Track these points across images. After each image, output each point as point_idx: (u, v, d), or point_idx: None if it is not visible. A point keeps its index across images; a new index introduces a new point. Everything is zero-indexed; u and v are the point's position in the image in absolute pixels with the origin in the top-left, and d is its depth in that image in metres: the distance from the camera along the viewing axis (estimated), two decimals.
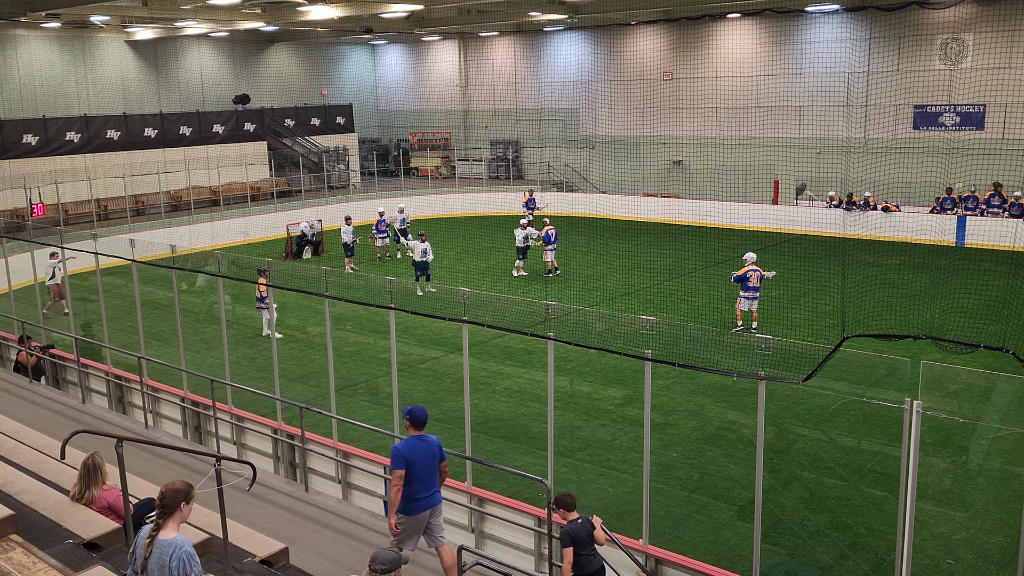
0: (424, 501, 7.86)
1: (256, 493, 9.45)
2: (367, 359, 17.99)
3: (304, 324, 20.58)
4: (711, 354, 13.39)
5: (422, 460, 7.78)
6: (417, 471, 7.76)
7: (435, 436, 8.07)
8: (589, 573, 8.03)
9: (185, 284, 22.64)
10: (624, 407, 14.95)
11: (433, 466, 7.88)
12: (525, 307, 13.00)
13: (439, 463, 7.95)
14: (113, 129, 32.99)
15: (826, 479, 12.08)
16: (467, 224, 34.10)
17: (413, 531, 7.93)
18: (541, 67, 40.43)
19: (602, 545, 8.20)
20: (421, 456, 7.78)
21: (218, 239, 30.41)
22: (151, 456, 10.66)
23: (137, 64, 36.89)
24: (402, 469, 7.70)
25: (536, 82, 40.52)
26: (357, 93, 44.38)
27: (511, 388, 15.97)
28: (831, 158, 31.35)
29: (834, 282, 22.31)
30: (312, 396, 15.00)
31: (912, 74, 30.11)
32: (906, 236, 27.88)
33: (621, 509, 11.22)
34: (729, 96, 34.60)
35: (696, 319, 19.69)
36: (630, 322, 10.35)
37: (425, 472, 7.80)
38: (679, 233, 30.65)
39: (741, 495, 11.59)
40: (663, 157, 36.29)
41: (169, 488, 5.38)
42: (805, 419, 14.17)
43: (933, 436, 12.72)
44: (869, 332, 16.78)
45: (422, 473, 7.79)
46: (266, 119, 38.00)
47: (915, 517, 7.71)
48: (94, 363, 15.47)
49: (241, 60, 40.36)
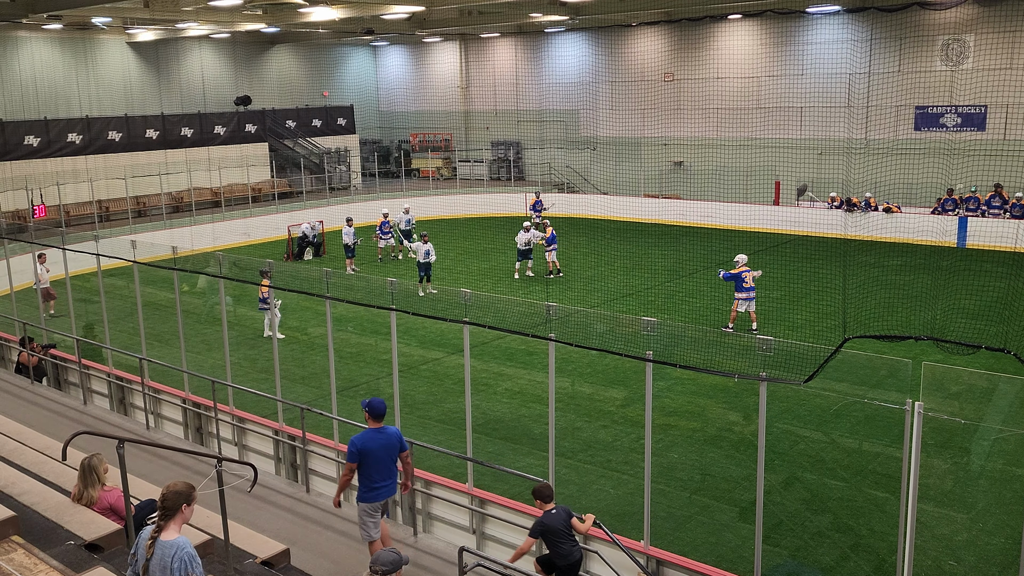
0: (384, 490, 8.17)
1: (257, 494, 9.45)
2: (368, 360, 17.98)
3: (305, 325, 20.58)
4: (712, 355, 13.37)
5: (377, 452, 8.06)
6: (373, 462, 8.05)
7: (395, 428, 8.35)
8: (567, 564, 8.04)
9: (186, 285, 22.65)
10: (625, 408, 14.94)
11: (390, 457, 8.16)
12: (526, 308, 13.00)
13: (400, 453, 8.22)
14: (115, 130, 33.01)
15: (828, 480, 12.07)
16: (468, 225, 34.09)
17: (375, 518, 8.26)
18: (542, 68, 40.43)
19: (583, 534, 8.25)
20: (376, 448, 8.06)
21: (219, 240, 30.43)
22: (152, 457, 10.66)
23: (139, 65, 36.92)
24: (354, 463, 8.03)
25: (537, 83, 40.52)
26: (358, 94, 44.40)
27: (512, 389, 15.97)
28: (832, 159, 31.34)
29: (835, 283, 22.29)
30: (313, 397, 15.00)
31: (913, 75, 30.10)
32: (907, 237, 27.85)
33: (622, 510, 11.21)
34: (730, 97, 34.59)
35: (697, 320, 19.68)
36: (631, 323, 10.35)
37: (381, 463, 8.09)
38: (680, 234, 30.63)
39: (742, 496, 11.57)
40: (664, 158, 36.28)
41: (170, 490, 5.38)
42: (807, 420, 14.15)
43: (935, 437, 12.70)
44: (871, 333, 16.78)
45: (378, 464, 8.07)
46: (267, 120, 38.02)
47: (917, 518, 7.70)
48: (96, 364, 15.47)
49: (242, 61, 40.39)
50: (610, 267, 26.07)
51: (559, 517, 8.07)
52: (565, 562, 8.01)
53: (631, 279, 24.34)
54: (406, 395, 15.05)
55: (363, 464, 8.05)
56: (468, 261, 27.74)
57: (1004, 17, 28.14)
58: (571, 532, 8.09)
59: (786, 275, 24.03)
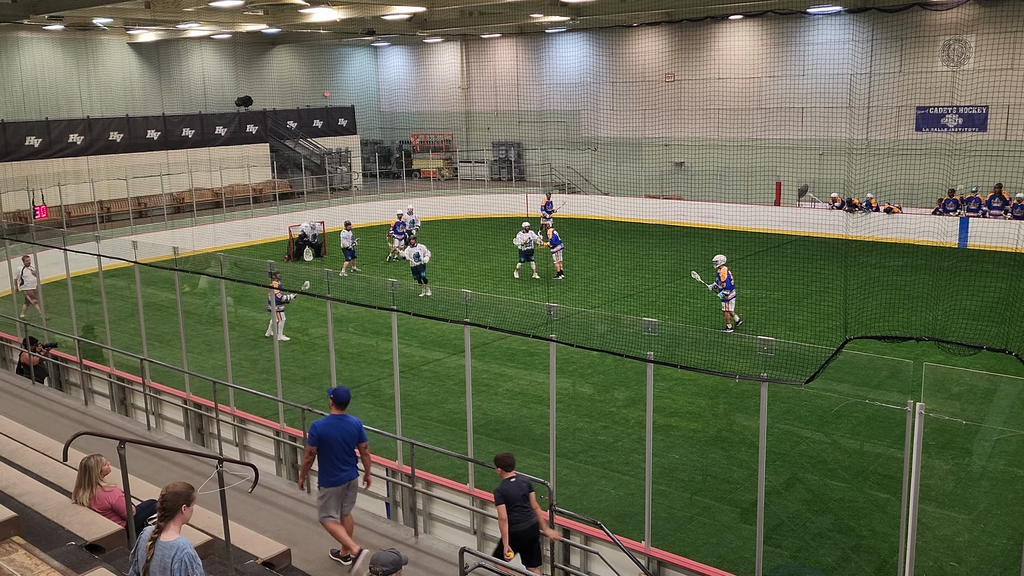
0: (342, 474, 8.44)
1: (258, 495, 9.45)
2: (369, 361, 17.98)
3: (306, 326, 20.58)
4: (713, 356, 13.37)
5: (336, 438, 8.37)
6: (332, 447, 8.35)
7: (357, 418, 8.60)
8: (518, 532, 8.33)
9: (187, 286, 22.65)
10: (626, 409, 14.93)
11: (349, 444, 8.45)
12: (527, 309, 13.00)
13: (359, 444, 8.50)
14: (116, 131, 33.03)
15: (829, 481, 12.06)
16: (469, 226, 34.10)
17: (334, 500, 8.46)
18: (543, 69, 40.44)
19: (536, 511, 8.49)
20: (335, 435, 8.37)
21: (220, 241, 30.44)
22: (153, 458, 10.66)
23: (140, 66, 36.94)
24: (314, 445, 8.39)
25: (538, 84, 40.53)
26: (359, 95, 44.41)
27: (513, 390, 15.96)
28: (834, 159, 31.32)
29: (837, 284, 22.28)
30: (314, 398, 15.00)
31: (915, 75, 30.08)
32: (909, 238, 27.84)
33: (623, 511, 11.20)
34: (731, 98, 34.59)
35: (698, 321, 19.67)
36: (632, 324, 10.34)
37: (340, 449, 8.39)
38: (681, 235, 30.63)
39: (744, 497, 11.57)
40: (665, 159, 36.27)
41: (170, 490, 5.38)
42: (808, 421, 14.14)
43: (936, 438, 12.69)
44: (872, 334, 16.77)
45: (337, 450, 8.38)
46: (268, 121, 38.04)
47: (918, 519, 7.69)
48: (97, 365, 15.47)
49: (243, 62, 40.41)
50: (611, 268, 26.07)
51: (518, 486, 8.41)
52: (514, 529, 8.32)
53: (632, 280, 24.33)
54: (407, 396, 15.05)
55: (323, 449, 8.37)
56: (469, 262, 27.73)
57: (1006, 17, 28.12)
58: (527, 504, 8.44)
59: (787, 276, 24.02)
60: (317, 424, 8.43)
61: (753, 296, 21.85)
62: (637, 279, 24.40)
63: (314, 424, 8.47)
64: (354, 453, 8.51)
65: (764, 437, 8.30)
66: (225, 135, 36.34)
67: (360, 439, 8.51)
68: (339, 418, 8.46)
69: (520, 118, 41.36)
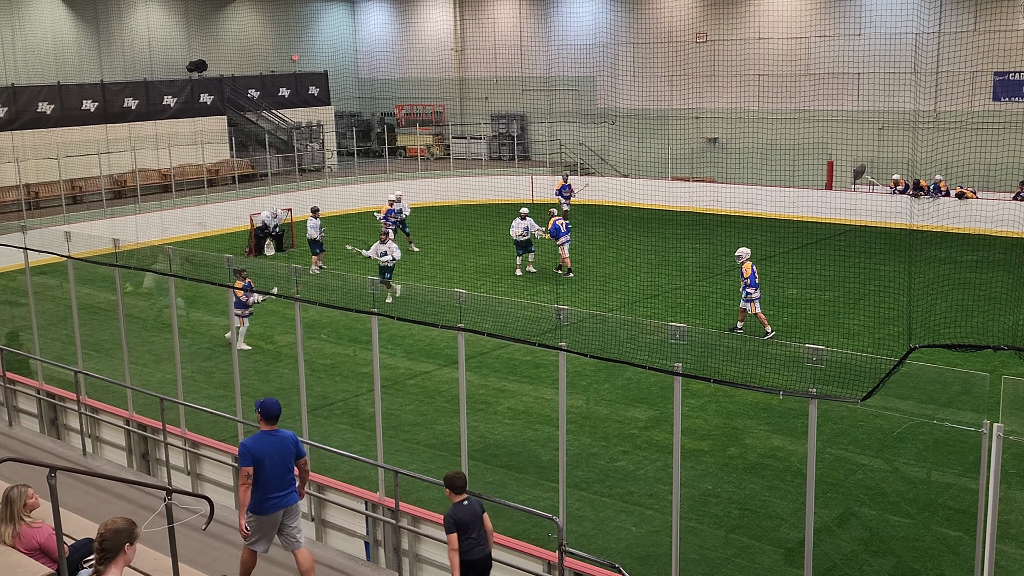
0: (277, 500, 8.47)
1: (213, 532, 9.44)
2: (345, 374, 18.01)
3: (271, 332, 20.60)
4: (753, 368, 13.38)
5: (272, 457, 8.42)
6: (267, 468, 8.41)
7: (290, 431, 8.66)
8: (472, 560, 8.44)
9: (130, 285, 22.69)
10: (650, 431, 14.95)
11: (286, 463, 8.49)
12: (532, 312, 13.04)
13: (296, 460, 8.56)
14: (45, 102, 33.06)
15: (890, 516, 12.07)
16: (463, 213, 34.13)
17: (265, 532, 8.51)
18: (551, 28, 40.46)
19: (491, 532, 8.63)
20: (271, 453, 8.42)
21: (169, 232, 30.46)
22: (90, 488, 10.68)
23: (74, 25, 36.98)
24: (249, 467, 8.33)
25: (545, 46, 40.55)
26: (334, 59, 44.43)
27: (516, 408, 15.98)
28: (895, 135, 31.31)
29: (899, 282, 22.26)
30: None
31: (992, 35, 30.05)
32: (985, 228, 27.85)
33: (646, 552, 11.22)
34: (774, 62, 34.55)
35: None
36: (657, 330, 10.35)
37: (276, 470, 8.44)
38: (715, 224, 30.64)
39: (789, 535, 11.57)
40: (696, 134, 36.28)
41: (110, 527, 5.39)
42: (865, 445, 14.15)
43: (1017, 465, 12.67)
44: (941, 342, 16.74)
45: (272, 471, 8.42)
46: (226, 90, 38.07)
47: (996, 562, 7.69)
48: (22, 378, 15.49)
49: (196, 20, 40.45)
50: (631, 263, 26.08)
51: (471, 510, 8.49)
52: (467, 558, 8.40)
53: (656, 278, 24.35)
54: (390, 415, 15.07)
55: (257, 470, 8.38)
56: (463, 256, 27.75)
57: None
58: (481, 528, 8.53)
59: (840, 272, 24.02)
60: (247, 442, 8.52)
61: (800, 297, 21.86)
62: (663, 277, 24.41)
63: (244, 443, 8.56)
64: (291, 475, 8.59)
65: (813, 464, 8.31)
66: (174, 106, 36.38)
67: (298, 455, 8.63)
68: (271, 434, 8.55)
69: (524, 86, 41.39)
